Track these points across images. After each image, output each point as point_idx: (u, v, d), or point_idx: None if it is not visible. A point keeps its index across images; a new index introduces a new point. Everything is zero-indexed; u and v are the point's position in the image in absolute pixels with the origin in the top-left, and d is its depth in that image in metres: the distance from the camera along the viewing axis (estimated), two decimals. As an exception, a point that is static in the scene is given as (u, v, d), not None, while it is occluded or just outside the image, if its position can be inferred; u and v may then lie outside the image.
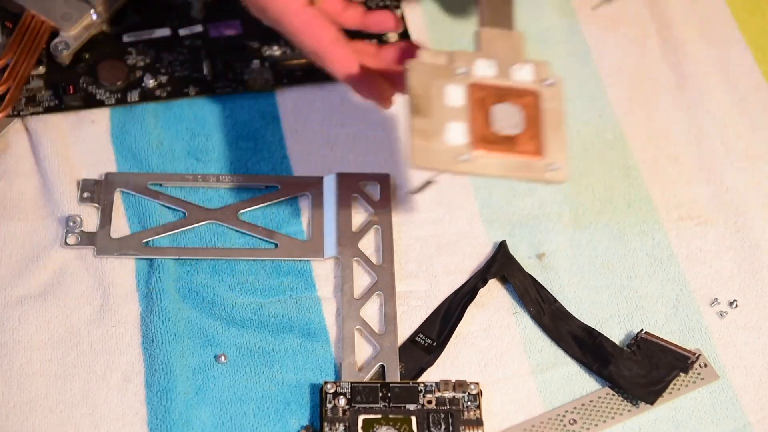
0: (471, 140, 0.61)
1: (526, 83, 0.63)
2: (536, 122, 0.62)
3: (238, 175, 0.73)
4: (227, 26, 0.78)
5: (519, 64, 0.63)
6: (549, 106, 0.63)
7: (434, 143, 0.60)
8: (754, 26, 0.82)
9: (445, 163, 0.60)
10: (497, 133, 0.61)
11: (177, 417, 0.64)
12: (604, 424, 0.65)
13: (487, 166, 0.61)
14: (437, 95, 0.62)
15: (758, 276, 0.71)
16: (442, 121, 0.61)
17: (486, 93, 0.62)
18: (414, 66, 0.62)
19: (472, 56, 0.63)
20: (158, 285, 0.68)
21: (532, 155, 0.61)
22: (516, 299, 0.70)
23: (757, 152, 0.76)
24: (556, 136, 0.62)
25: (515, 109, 0.62)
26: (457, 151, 0.60)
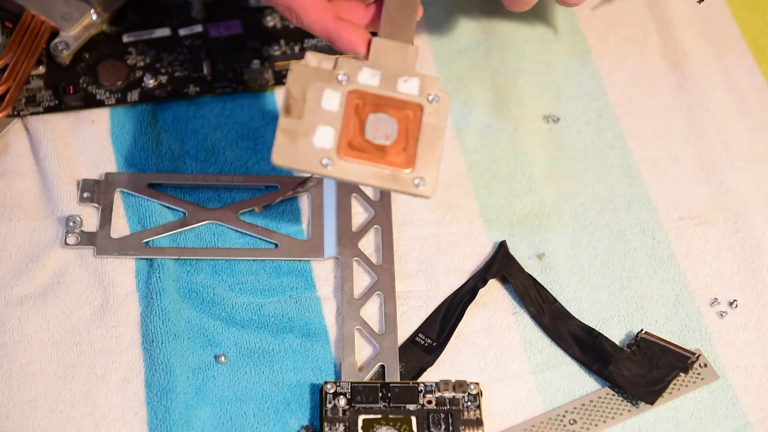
0: (338, 145, 0.61)
1: (409, 96, 0.63)
2: (412, 135, 0.62)
3: (238, 175, 0.73)
4: (227, 26, 0.78)
5: (405, 77, 0.63)
6: (429, 121, 0.63)
7: (300, 144, 0.61)
8: (754, 26, 0.82)
9: (306, 164, 0.61)
10: (369, 141, 0.62)
11: (177, 417, 0.64)
12: (604, 424, 0.65)
13: (349, 172, 0.61)
14: (313, 98, 0.62)
15: (758, 276, 0.71)
16: (312, 123, 0.61)
17: (364, 101, 0.62)
18: (295, 68, 0.63)
19: (359, 64, 0.63)
20: (158, 285, 0.68)
21: (400, 167, 0.61)
22: (516, 299, 0.70)
23: (757, 152, 0.76)
24: (429, 151, 0.62)
25: (391, 120, 0.62)
26: (321, 153, 0.61)
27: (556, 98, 0.78)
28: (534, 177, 0.74)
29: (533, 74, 0.79)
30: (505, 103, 0.77)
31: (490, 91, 0.78)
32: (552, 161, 0.75)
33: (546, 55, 0.80)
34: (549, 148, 0.76)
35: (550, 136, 0.76)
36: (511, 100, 0.77)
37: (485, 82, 0.78)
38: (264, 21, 0.79)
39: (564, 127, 0.77)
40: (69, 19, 0.76)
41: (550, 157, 0.75)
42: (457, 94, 0.77)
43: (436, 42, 0.79)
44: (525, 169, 0.75)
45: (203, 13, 0.79)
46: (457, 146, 0.75)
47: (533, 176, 0.74)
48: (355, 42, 0.64)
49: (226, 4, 0.79)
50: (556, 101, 0.78)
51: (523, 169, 0.75)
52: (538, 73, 0.79)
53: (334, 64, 0.63)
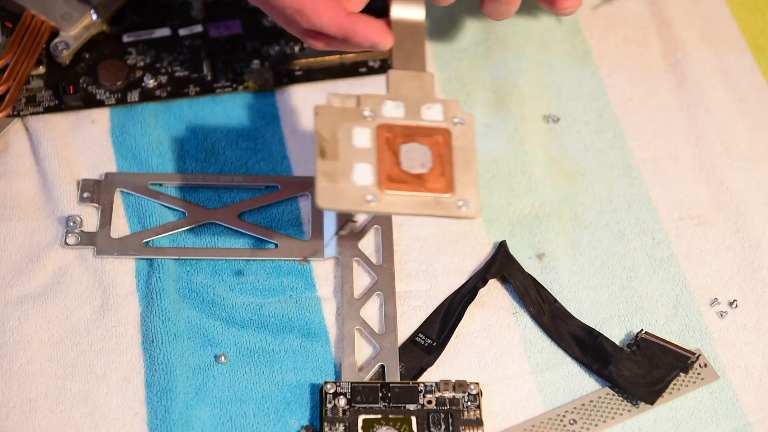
0: (378, 180, 0.61)
1: (435, 122, 0.63)
2: (446, 160, 0.62)
3: (238, 175, 0.73)
4: (227, 26, 0.78)
5: (428, 104, 0.64)
6: (459, 144, 0.63)
7: (341, 184, 0.61)
8: (754, 26, 0.82)
9: (352, 203, 0.61)
10: (406, 172, 0.62)
11: (177, 417, 0.64)
12: (604, 424, 0.65)
13: (396, 205, 0.61)
14: (344, 137, 0.62)
15: (758, 276, 0.71)
16: (349, 162, 0.61)
17: (394, 133, 0.63)
18: (321, 110, 0.63)
19: (381, 99, 0.64)
20: (158, 285, 0.68)
21: (442, 192, 0.62)
22: (516, 299, 0.70)
23: (757, 152, 0.76)
24: (466, 173, 0.62)
25: (424, 148, 0.62)
26: (364, 191, 0.61)
27: (556, 98, 0.78)
28: (534, 177, 0.74)
29: (533, 74, 0.79)
30: (505, 103, 0.77)
31: (490, 91, 0.78)
32: (552, 161, 0.75)
33: (546, 55, 0.80)
34: (549, 148, 0.76)
35: (550, 136, 0.76)
36: (511, 100, 0.77)
37: (485, 82, 0.78)
38: (264, 21, 0.79)
39: (564, 127, 0.77)
40: (69, 19, 0.76)
41: (550, 157, 0.75)
42: (457, 94, 0.77)
43: (436, 42, 0.79)
44: (525, 169, 0.75)
45: (203, 13, 0.79)
46: (457, 146, 0.75)
47: (533, 176, 0.74)
48: (373, 34, 0.64)
49: (226, 4, 0.79)
50: (556, 101, 0.78)
51: (523, 169, 0.75)
52: (538, 73, 0.79)
53: (357, 102, 0.63)
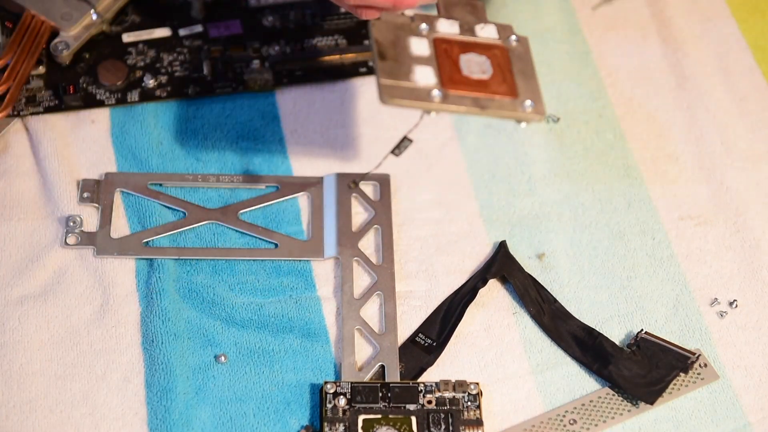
0: (441, 81, 0.61)
1: (490, 40, 0.64)
2: (506, 69, 0.62)
3: (238, 175, 0.73)
4: (227, 26, 0.79)
5: (482, 24, 0.64)
6: (517, 59, 0.63)
7: (403, 82, 0.60)
8: (754, 26, 0.82)
9: (416, 98, 0.60)
10: (468, 77, 0.61)
11: (177, 417, 0.64)
12: (604, 424, 0.65)
13: (461, 103, 0.60)
14: (402, 46, 0.62)
15: (758, 276, 0.71)
16: (409, 65, 0.61)
17: (451, 45, 0.62)
18: (376, 23, 0.63)
19: (434, 17, 0.64)
20: (158, 285, 0.68)
21: (506, 95, 0.61)
22: (516, 299, 0.70)
23: (757, 152, 0.76)
24: (528, 81, 0.62)
25: (482, 59, 0.62)
26: (428, 88, 0.60)
27: (556, 98, 0.78)
28: (534, 177, 0.74)
29: (533, 74, 0.79)
30: (505, 103, 0.77)
31: (490, 91, 0.78)
32: (552, 161, 0.75)
33: (546, 55, 0.80)
34: (549, 148, 0.76)
35: (550, 136, 0.76)
36: (511, 100, 0.77)
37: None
38: (264, 21, 0.79)
39: (564, 127, 0.77)
40: (69, 19, 0.76)
41: (550, 157, 0.75)
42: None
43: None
44: (525, 169, 0.75)
45: (203, 13, 0.79)
46: (457, 146, 0.75)
47: (533, 176, 0.74)
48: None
49: (226, 4, 0.79)
50: (556, 101, 0.78)
51: (523, 169, 0.75)
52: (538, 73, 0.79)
53: (411, 19, 0.63)
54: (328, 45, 0.78)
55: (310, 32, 0.79)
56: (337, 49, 0.78)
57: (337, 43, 0.78)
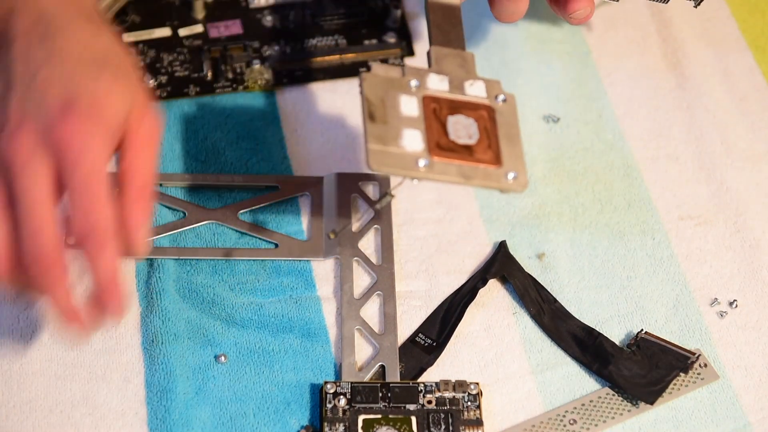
0: (428, 147, 0.60)
1: (478, 98, 0.63)
2: (492, 134, 0.62)
3: (238, 175, 0.73)
4: (227, 26, 0.79)
5: (471, 81, 0.63)
6: (503, 120, 0.62)
7: (391, 148, 0.60)
8: (754, 26, 0.82)
9: (403, 167, 0.60)
10: (454, 141, 0.61)
11: (177, 417, 0.64)
12: (604, 424, 0.65)
13: (447, 173, 0.60)
14: (392, 105, 0.61)
15: (758, 276, 0.71)
16: (398, 127, 0.61)
17: (440, 105, 0.62)
18: (367, 77, 0.62)
19: (425, 71, 0.63)
20: (158, 285, 0.68)
21: (490, 164, 0.61)
22: (516, 299, 0.70)
23: (757, 152, 0.76)
24: (512, 147, 0.62)
25: (470, 121, 0.62)
26: (415, 155, 0.60)
27: (556, 98, 0.78)
28: (534, 177, 0.74)
29: (533, 74, 0.79)
30: (505, 103, 0.77)
31: (490, 91, 0.78)
32: (552, 161, 0.75)
33: (546, 55, 0.80)
34: (549, 148, 0.76)
35: (550, 136, 0.76)
36: (511, 100, 0.77)
37: (485, 82, 0.78)
38: (264, 21, 0.79)
39: (564, 127, 0.77)
40: (69, 19, 0.76)
41: (550, 157, 0.75)
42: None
43: (436, 42, 0.79)
44: (525, 169, 0.75)
45: (203, 13, 0.79)
46: (457, 146, 0.75)
47: (533, 176, 0.74)
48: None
49: (226, 4, 0.79)
50: (556, 101, 0.78)
51: (523, 169, 0.75)
52: (538, 73, 0.79)
53: (402, 72, 0.63)
54: (328, 45, 0.78)
55: (310, 32, 0.79)
56: (337, 49, 0.78)
57: (337, 43, 0.78)
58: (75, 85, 0.56)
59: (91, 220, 0.55)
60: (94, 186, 0.55)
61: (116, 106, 0.57)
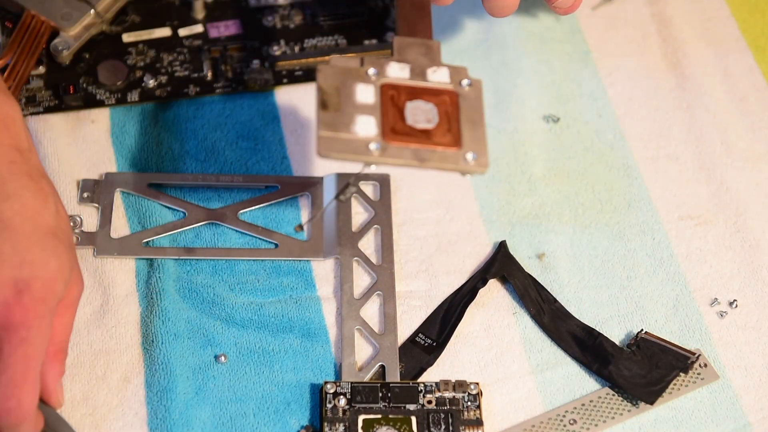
0: (382, 132, 0.60)
1: (441, 84, 0.63)
2: (453, 118, 0.61)
3: (238, 175, 0.73)
4: (227, 26, 0.79)
5: (434, 68, 0.63)
6: (468, 105, 0.62)
7: (343, 134, 0.60)
8: (754, 26, 0.82)
9: (354, 152, 0.59)
10: (411, 126, 0.61)
11: (177, 417, 0.64)
12: (604, 424, 0.65)
13: (401, 156, 0.60)
14: (347, 93, 0.61)
15: (758, 276, 0.71)
16: (351, 114, 0.60)
17: (398, 92, 0.62)
18: (323, 68, 0.62)
19: (386, 60, 0.63)
20: (158, 285, 0.68)
21: (449, 146, 0.60)
22: (516, 299, 0.70)
23: (757, 152, 0.76)
24: (474, 130, 0.61)
25: (429, 106, 0.61)
26: (366, 140, 0.60)
27: (556, 98, 0.78)
28: (534, 177, 0.74)
29: (533, 74, 0.79)
30: (505, 103, 0.77)
31: (490, 91, 0.78)
32: (552, 161, 0.75)
33: (546, 55, 0.80)
34: (549, 148, 0.76)
35: (550, 136, 0.76)
36: (511, 100, 0.77)
37: (485, 82, 0.78)
38: (264, 21, 0.79)
39: (564, 127, 0.77)
40: (69, 19, 0.76)
41: (550, 157, 0.75)
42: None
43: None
44: (525, 169, 0.75)
45: (203, 13, 0.79)
46: (457, 146, 0.75)
47: (533, 176, 0.74)
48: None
49: (226, 4, 0.79)
50: (556, 101, 0.78)
51: (523, 169, 0.75)
52: (538, 73, 0.79)
53: (361, 62, 0.63)
54: (328, 45, 0.78)
55: (310, 32, 0.79)
56: (337, 49, 0.78)
57: (337, 43, 0.78)
58: (28, 266, 0.58)
59: (15, 400, 0.57)
60: (31, 368, 0.57)
61: (63, 282, 0.59)
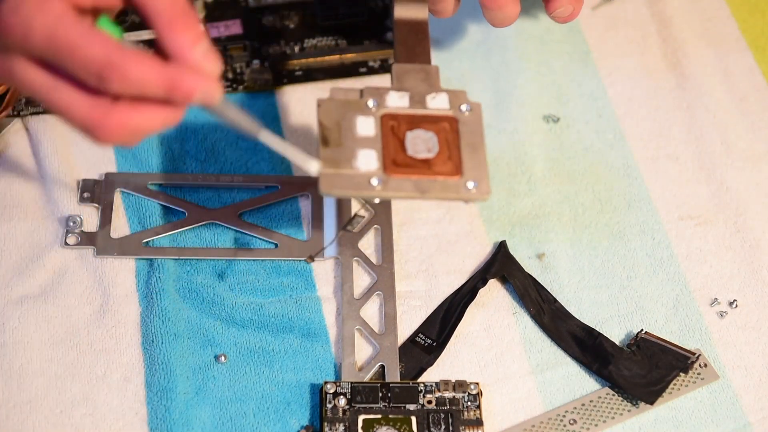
0: (383, 165, 0.61)
1: (441, 110, 0.63)
2: (453, 145, 0.62)
3: (238, 175, 0.73)
4: (227, 26, 0.79)
5: (433, 94, 0.63)
6: (468, 130, 0.62)
7: (344, 170, 0.60)
8: (754, 26, 0.82)
9: (356, 188, 0.60)
10: (412, 157, 0.61)
11: (177, 417, 0.64)
12: (604, 424, 0.65)
13: (402, 189, 0.60)
14: (347, 127, 0.61)
15: (758, 276, 0.71)
16: (352, 149, 0.61)
17: (398, 121, 0.62)
18: (324, 103, 0.62)
19: (385, 90, 0.63)
20: (158, 285, 0.68)
21: (449, 176, 0.61)
22: (516, 299, 0.70)
23: (757, 152, 0.76)
24: (475, 156, 0.62)
25: (429, 135, 0.62)
26: (368, 176, 0.60)
27: (556, 98, 0.78)
28: (534, 177, 0.74)
29: (533, 74, 0.79)
30: (505, 103, 0.77)
31: (490, 91, 0.78)
32: (552, 161, 0.75)
33: (546, 55, 0.80)
34: (549, 148, 0.76)
35: (550, 136, 0.76)
36: (511, 100, 0.77)
37: (485, 82, 0.78)
38: (264, 21, 0.79)
39: (564, 127, 0.77)
40: (69, 19, 0.76)
41: (550, 157, 0.75)
42: (457, 94, 0.77)
43: (436, 42, 0.79)
44: (525, 169, 0.75)
45: (203, 13, 0.79)
46: (457, 146, 0.75)
47: (533, 176, 0.74)
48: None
49: (226, 4, 0.79)
50: (556, 101, 0.78)
51: (523, 169, 0.75)
52: (538, 73, 0.79)
53: (360, 94, 0.63)
54: (328, 45, 0.78)
55: (310, 32, 0.79)
56: (337, 49, 0.78)
57: (337, 43, 0.78)
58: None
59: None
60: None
61: None
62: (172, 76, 0.54)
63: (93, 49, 0.54)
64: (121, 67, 0.54)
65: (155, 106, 0.55)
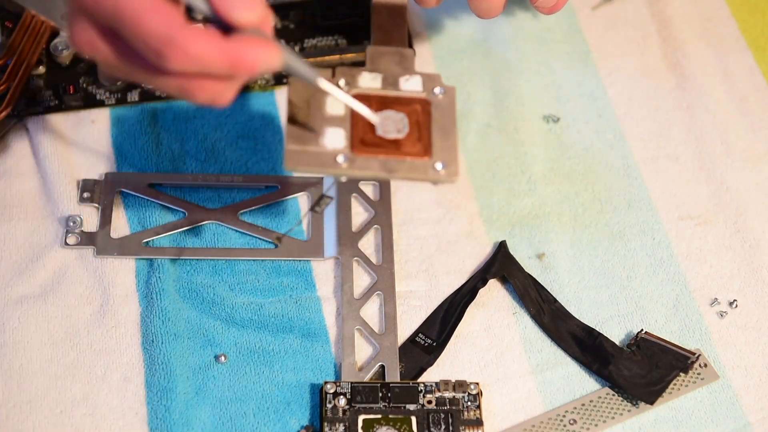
0: (351, 144, 0.60)
1: (414, 93, 0.63)
2: (424, 127, 0.61)
3: (238, 175, 0.73)
4: (227, 26, 0.78)
5: (407, 77, 0.63)
6: (439, 112, 0.62)
7: (310, 147, 0.60)
8: (754, 26, 0.82)
9: (320, 164, 0.59)
10: (381, 137, 0.61)
11: (177, 417, 0.64)
12: (604, 424, 0.65)
13: (368, 167, 0.60)
14: (317, 105, 0.61)
15: (758, 276, 0.71)
16: (320, 127, 0.60)
17: (369, 101, 0.62)
18: (293, 81, 0.62)
19: (357, 70, 0.63)
20: (158, 285, 0.68)
21: (418, 156, 0.60)
22: (516, 299, 0.70)
23: (757, 152, 0.76)
24: (445, 139, 0.61)
25: (400, 116, 0.61)
26: (334, 153, 0.60)
27: (556, 98, 0.78)
28: (534, 177, 0.74)
29: (533, 74, 0.79)
30: (505, 103, 0.77)
31: (490, 91, 0.78)
32: (552, 161, 0.75)
33: (546, 55, 0.80)
34: (549, 148, 0.76)
35: (550, 136, 0.76)
36: (511, 100, 0.77)
37: (485, 82, 0.78)
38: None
39: (564, 127, 0.77)
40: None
41: (550, 157, 0.75)
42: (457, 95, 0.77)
43: (436, 42, 0.79)
44: (525, 169, 0.75)
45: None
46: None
47: (533, 176, 0.74)
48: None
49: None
50: (556, 101, 0.78)
51: (523, 169, 0.75)
52: (538, 73, 0.79)
53: (332, 73, 0.62)
54: (328, 45, 0.78)
55: (310, 32, 0.79)
56: (337, 49, 0.78)
57: (337, 43, 0.78)
58: None
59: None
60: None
61: None
62: (233, 52, 0.54)
63: (155, 22, 0.53)
64: (181, 44, 0.53)
65: (213, 81, 0.55)
